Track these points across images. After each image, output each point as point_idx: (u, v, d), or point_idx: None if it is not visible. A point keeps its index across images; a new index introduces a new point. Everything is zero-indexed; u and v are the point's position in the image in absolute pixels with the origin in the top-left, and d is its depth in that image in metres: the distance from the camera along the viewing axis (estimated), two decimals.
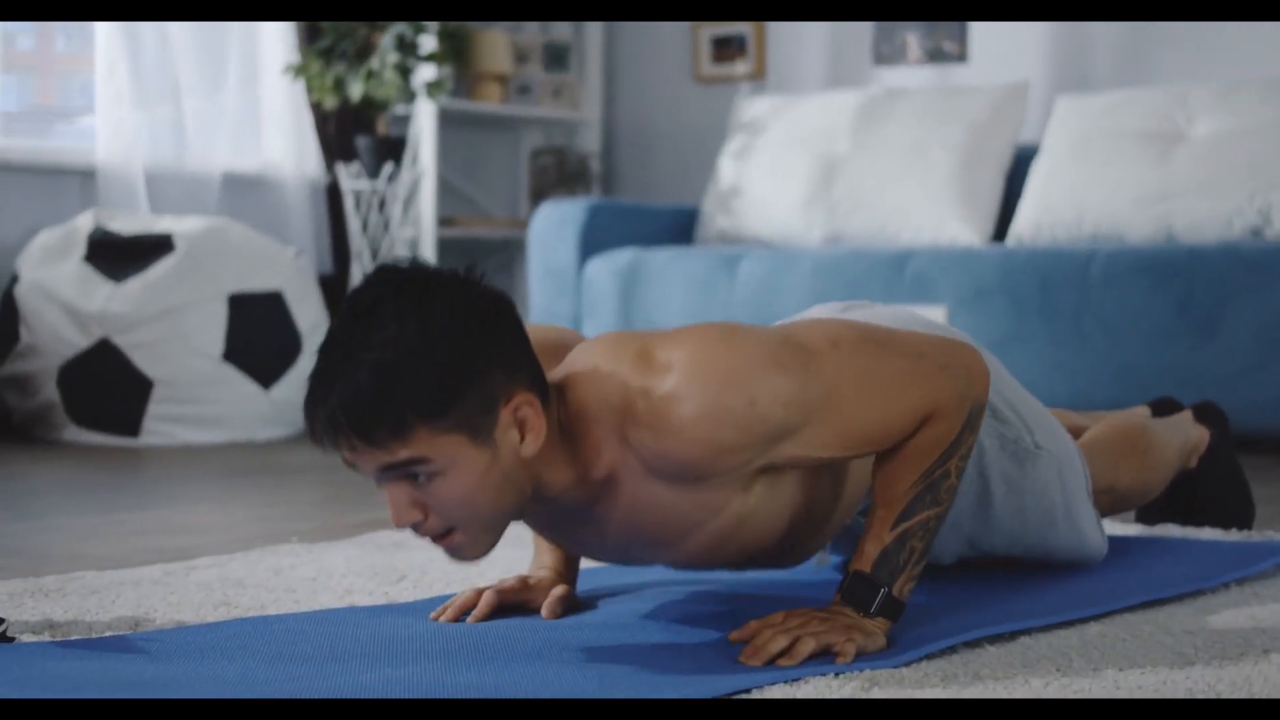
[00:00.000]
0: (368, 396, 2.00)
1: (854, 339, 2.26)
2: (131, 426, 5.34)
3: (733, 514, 2.23)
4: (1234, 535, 3.19)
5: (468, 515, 2.09)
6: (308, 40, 6.46)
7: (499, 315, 2.10)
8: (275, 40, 6.50)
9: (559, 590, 2.45)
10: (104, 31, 6.01)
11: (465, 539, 2.11)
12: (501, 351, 2.08)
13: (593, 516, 2.23)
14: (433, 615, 2.40)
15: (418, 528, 2.10)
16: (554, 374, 2.20)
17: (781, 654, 2.13)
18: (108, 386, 5.32)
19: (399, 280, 2.06)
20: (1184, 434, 3.19)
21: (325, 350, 2.05)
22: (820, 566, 2.78)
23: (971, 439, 2.27)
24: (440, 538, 2.11)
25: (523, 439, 2.09)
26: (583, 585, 2.58)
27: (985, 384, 2.28)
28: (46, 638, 2.30)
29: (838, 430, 2.20)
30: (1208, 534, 3.21)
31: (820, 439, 2.19)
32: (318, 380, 2.03)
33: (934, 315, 5.23)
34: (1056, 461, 2.67)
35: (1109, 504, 2.98)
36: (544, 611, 2.41)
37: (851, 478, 2.40)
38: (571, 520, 2.26)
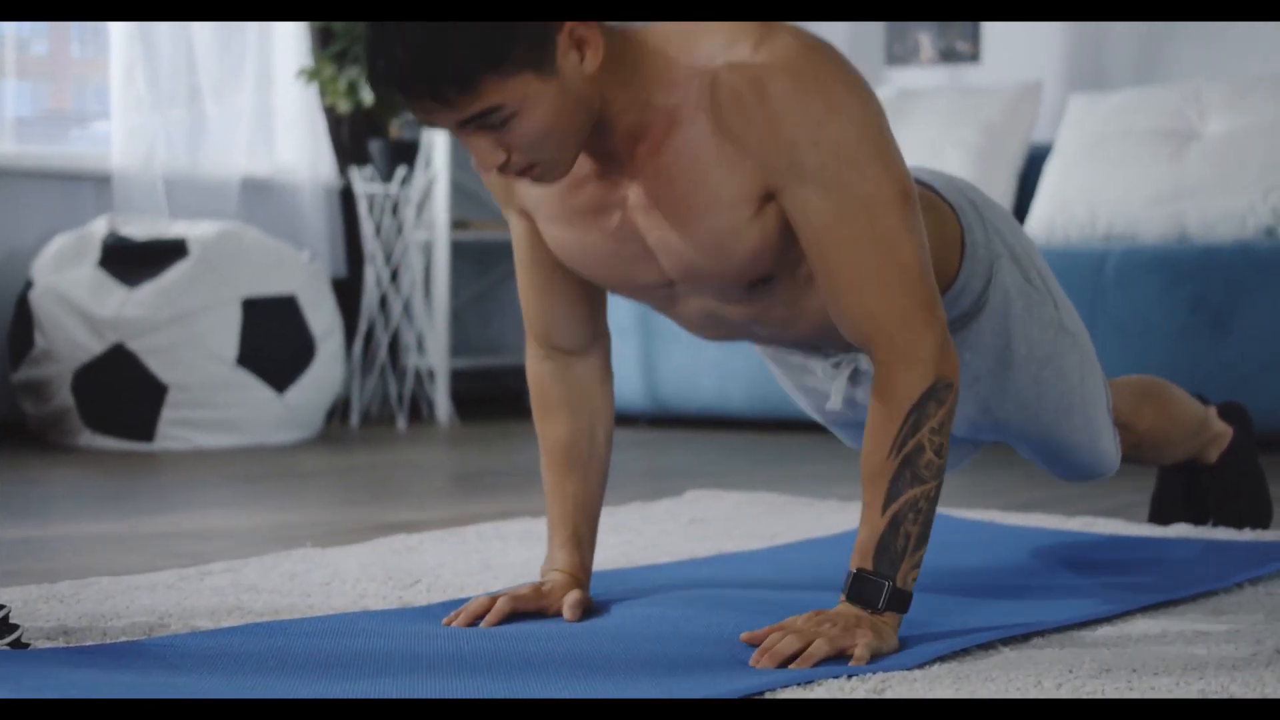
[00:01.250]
0: (429, 59, 2.07)
1: (913, 222, 2.24)
2: (146, 431, 5.35)
3: (738, 219, 2.24)
4: (1247, 535, 3.19)
5: (548, 145, 2.17)
6: (321, 44, 6.47)
7: None
8: (289, 44, 6.51)
9: (574, 595, 2.44)
10: (118, 36, 6.03)
11: (547, 167, 2.20)
12: None
13: (631, 162, 2.26)
14: (446, 620, 2.41)
15: (503, 168, 2.19)
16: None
17: (794, 657, 2.12)
18: (122, 391, 5.33)
19: None
20: (1207, 416, 3.19)
21: (374, 23, 2.13)
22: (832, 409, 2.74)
23: (940, 416, 2.23)
24: (524, 171, 2.20)
25: (583, 59, 2.16)
26: (595, 589, 2.58)
27: (954, 368, 2.24)
28: (61, 643, 2.31)
29: (831, 228, 2.21)
30: (1220, 534, 3.21)
31: (818, 212, 2.20)
32: (374, 51, 2.12)
33: None
34: (1079, 351, 2.67)
35: (1128, 444, 2.96)
36: (566, 614, 2.41)
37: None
38: (604, 181, 2.30)
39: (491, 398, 7.17)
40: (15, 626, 2.24)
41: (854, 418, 2.69)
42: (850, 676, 2.06)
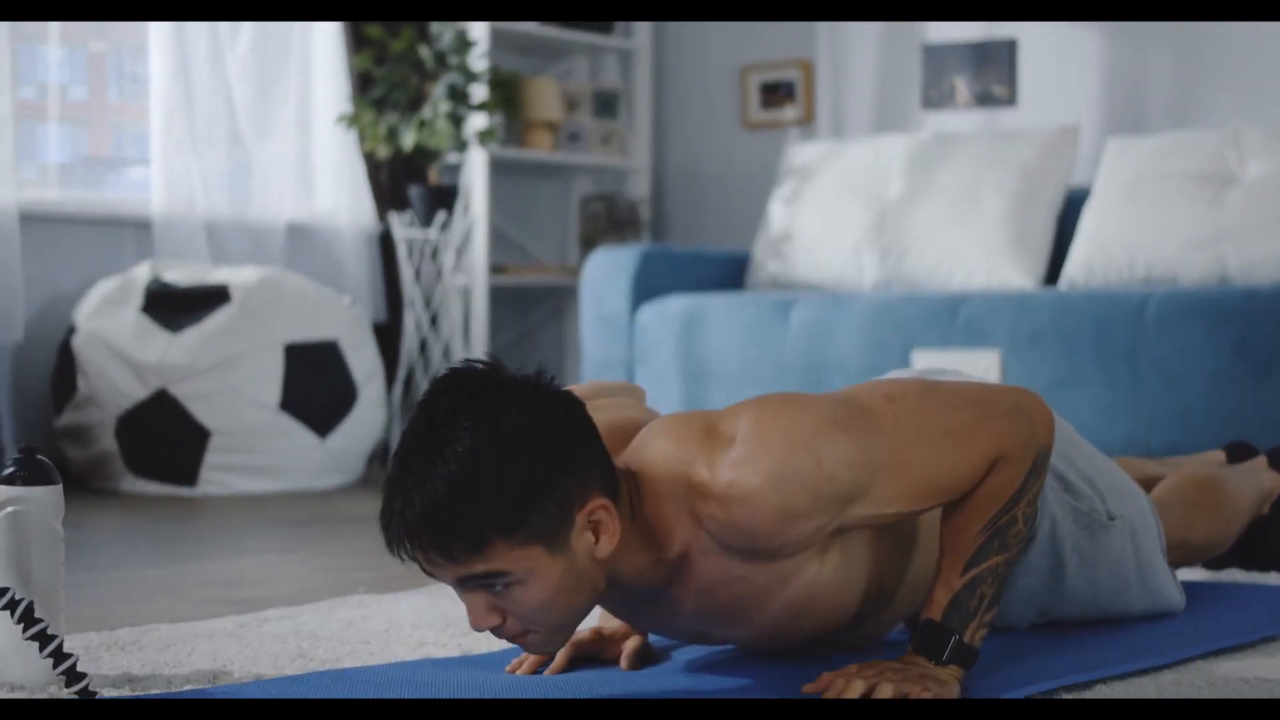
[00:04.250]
0: (444, 513, 2.02)
1: (911, 392, 2.26)
2: (189, 476, 5.37)
3: (807, 582, 2.23)
4: None
5: (544, 618, 2.12)
6: (360, 90, 6.51)
7: (570, 420, 2.12)
8: (328, 90, 6.54)
9: (634, 642, 2.45)
10: (158, 82, 6.06)
11: (542, 637, 2.16)
12: (574, 458, 2.10)
13: (666, 597, 2.25)
14: (509, 667, 2.41)
15: (496, 630, 2.14)
16: (622, 458, 2.21)
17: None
18: (165, 436, 5.36)
19: (472, 389, 2.08)
20: (1258, 482, 3.19)
21: (400, 461, 2.07)
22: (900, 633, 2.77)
23: (1037, 485, 2.27)
24: (517, 637, 2.15)
25: (597, 541, 2.12)
26: (655, 636, 2.59)
27: (1050, 431, 2.28)
28: (127, 692, 2.32)
29: (906, 484, 2.21)
30: (1273, 579, 3.20)
31: (889, 495, 2.20)
32: (393, 493, 2.07)
33: (988, 361, 5.23)
34: (1130, 526, 2.68)
35: (1181, 557, 3.00)
36: (623, 663, 2.42)
37: (922, 546, 2.40)
38: (645, 602, 2.29)
39: None
40: (83, 675, 2.25)
41: None
42: None
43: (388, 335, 6.59)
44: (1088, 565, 2.63)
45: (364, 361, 5.71)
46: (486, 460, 2.02)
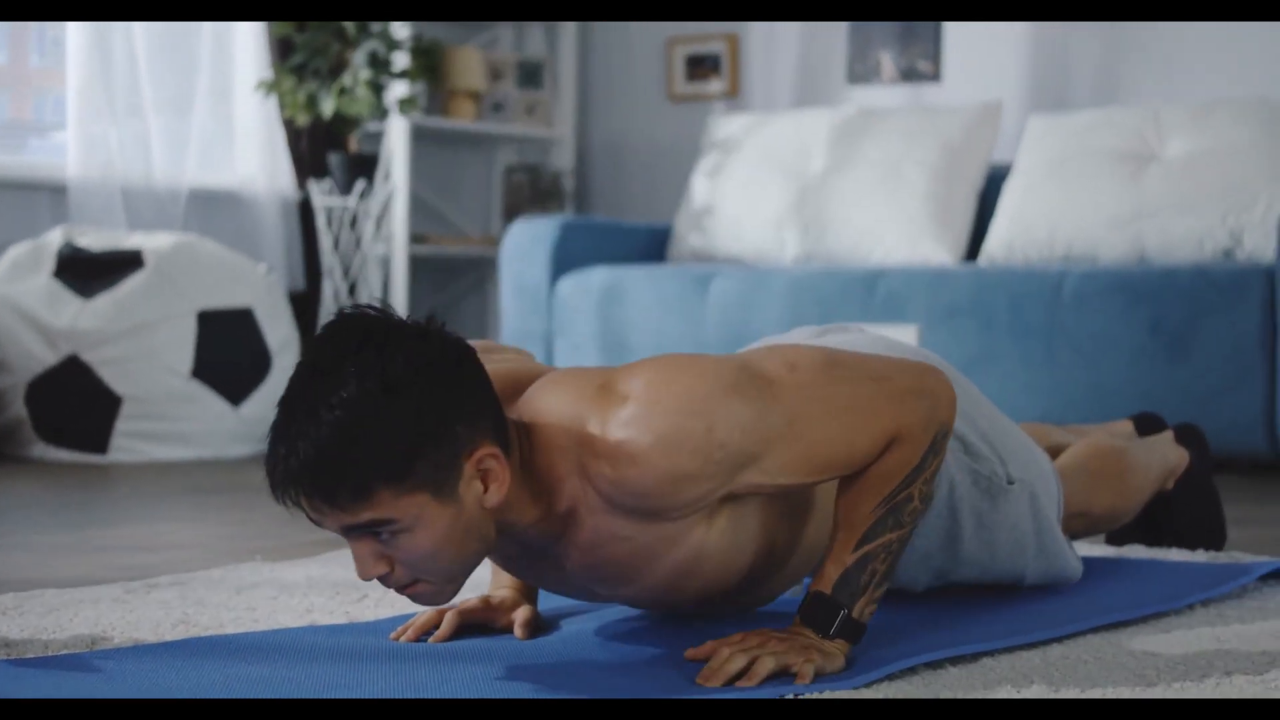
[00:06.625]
0: (329, 460, 1.98)
1: (813, 363, 2.23)
2: (100, 443, 5.32)
3: (694, 546, 2.20)
4: (1200, 556, 3.18)
5: (433, 567, 2.08)
6: (280, 57, 6.45)
7: (460, 367, 2.07)
8: (248, 57, 6.49)
9: (524, 612, 2.42)
10: (76, 46, 6.00)
11: (431, 588, 2.11)
12: (463, 405, 2.05)
13: (554, 553, 2.22)
14: (394, 635, 2.39)
15: (384, 580, 2.09)
16: (514, 410, 2.18)
17: (740, 675, 2.11)
18: (76, 403, 5.30)
19: (359, 334, 2.03)
20: (1163, 456, 3.18)
21: (285, 406, 2.02)
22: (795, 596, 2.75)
23: (936, 462, 2.24)
24: (406, 587, 2.10)
25: (486, 489, 2.08)
26: (544, 605, 2.57)
27: (952, 409, 2.26)
28: (1, 656, 2.28)
29: (800, 455, 2.17)
30: (1174, 555, 3.20)
31: (782, 465, 2.17)
32: (278, 440, 2.01)
33: (906, 335, 5.22)
34: (1029, 489, 2.65)
35: (1082, 527, 2.98)
36: (517, 632, 2.39)
37: (816, 515, 2.37)
38: (533, 557, 2.25)
39: None
40: None
41: None
42: (795, 696, 2.05)
43: (305, 304, 6.55)
44: (985, 529, 2.60)
45: (279, 330, 5.66)
46: (371, 407, 1.98)
